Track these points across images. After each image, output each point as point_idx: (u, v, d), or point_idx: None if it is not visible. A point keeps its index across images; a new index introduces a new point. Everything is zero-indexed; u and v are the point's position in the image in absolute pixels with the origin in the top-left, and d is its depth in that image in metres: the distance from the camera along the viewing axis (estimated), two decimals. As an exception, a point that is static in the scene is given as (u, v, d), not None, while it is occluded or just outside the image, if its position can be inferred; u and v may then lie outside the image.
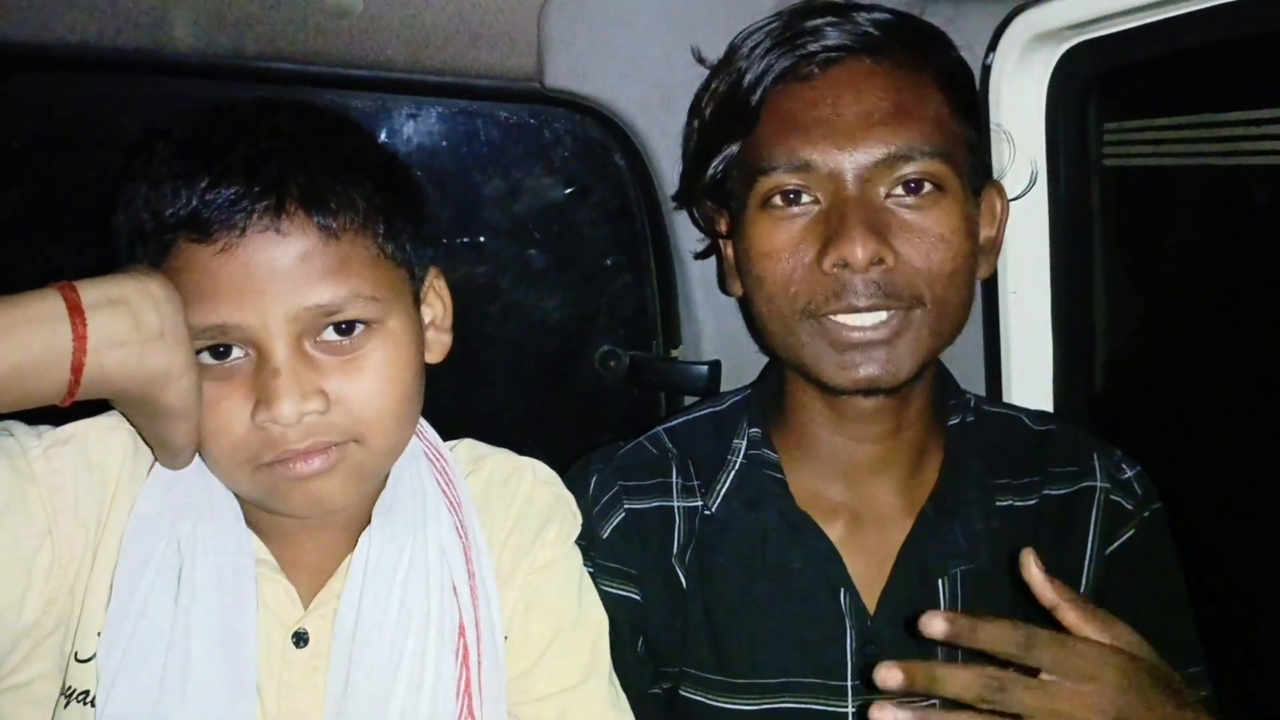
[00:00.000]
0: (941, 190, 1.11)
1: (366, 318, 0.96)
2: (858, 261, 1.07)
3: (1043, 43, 1.34)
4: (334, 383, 0.94)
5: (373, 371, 0.96)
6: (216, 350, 0.93)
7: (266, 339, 0.92)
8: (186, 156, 0.93)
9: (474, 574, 1.08)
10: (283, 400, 0.91)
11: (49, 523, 0.94)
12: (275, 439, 0.93)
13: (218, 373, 0.93)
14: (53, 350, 0.82)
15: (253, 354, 0.93)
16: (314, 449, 0.94)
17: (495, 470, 1.17)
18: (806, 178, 1.11)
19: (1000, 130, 1.36)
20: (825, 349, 1.12)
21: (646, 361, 1.66)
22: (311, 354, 0.94)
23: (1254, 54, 1.26)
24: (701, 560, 1.23)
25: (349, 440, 0.96)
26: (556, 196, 1.65)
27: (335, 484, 0.97)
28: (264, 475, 0.95)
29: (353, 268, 0.95)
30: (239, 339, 0.93)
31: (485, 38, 1.42)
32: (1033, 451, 1.26)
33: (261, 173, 0.92)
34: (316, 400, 0.92)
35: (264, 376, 0.92)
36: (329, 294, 0.93)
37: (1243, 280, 1.39)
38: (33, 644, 0.96)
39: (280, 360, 0.92)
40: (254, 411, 0.92)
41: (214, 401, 0.93)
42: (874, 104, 1.10)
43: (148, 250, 0.93)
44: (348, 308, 0.94)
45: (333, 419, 0.94)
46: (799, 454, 1.25)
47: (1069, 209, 1.42)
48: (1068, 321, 1.44)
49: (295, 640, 1.02)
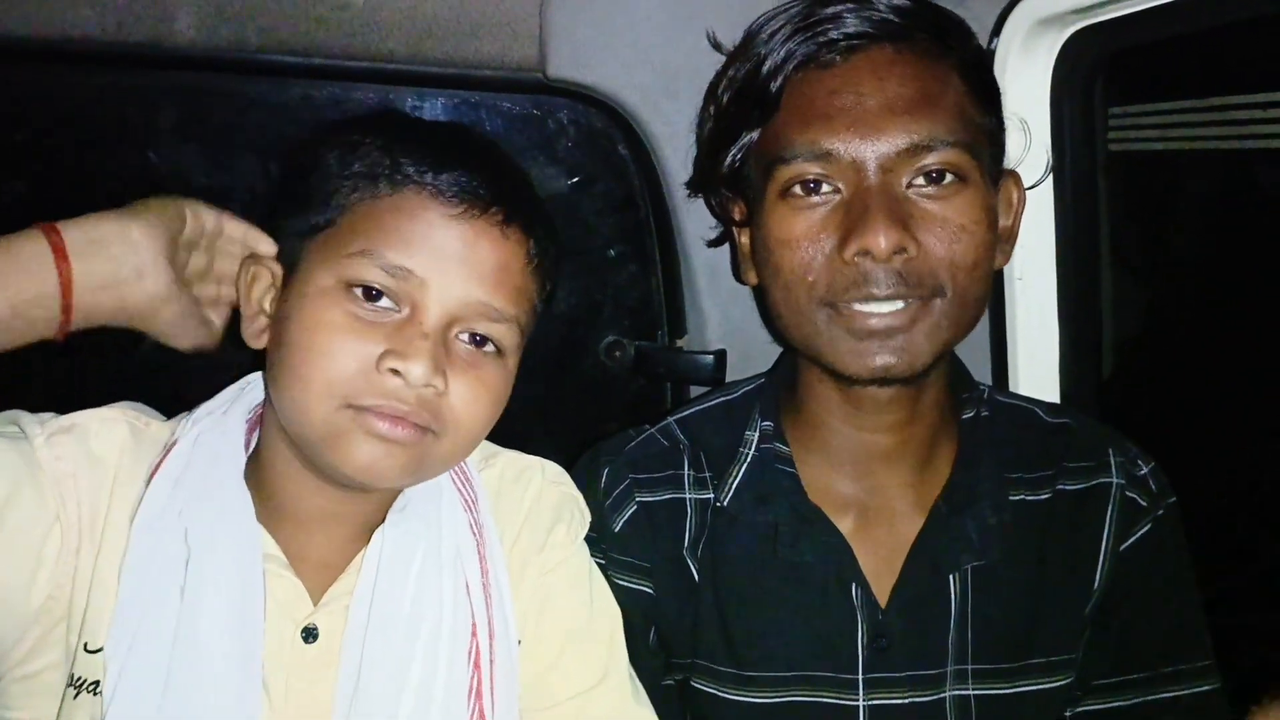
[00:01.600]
0: (963, 181, 1.09)
1: (505, 344, 1.04)
2: (880, 251, 1.06)
3: (1047, 28, 1.34)
4: (455, 377, 1.00)
5: (485, 387, 1.02)
6: (370, 291, 0.98)
7: (431, 305, 0.98)
8: (437, 135, 1.05)
9: (487, 572, 1.08)
10: (422, 360, 0.96)
11: (57, 507, 0.96)
12: (388, 389, 0.96)
13: (360, 308, 0.98)
14: (43, 293, 0.91)
15: (405, 312, 0.98)
16: (409, 417, 0.97)
17: (506, 469, 1.18)
18: (827, 167, 1.10)
19: (1015, 119, 1.36)
20: (842, 336, 1.11)
21: (652, 351, 1.66)
22: (451, 343, 1.00)
23: (1259, 38, 1.25)
24: (713, 552, 1.23)
25: (433, 430, 0.99)
26: (560, 187, 1.64)
27: (399, 461, 0.99)
28: (344, 416, 0.97)
29: (525, 299, 1.05)
30: (406, 293, 0.98)
31: (487, 28, 1.42)
32: (1047, 445, 1.25)
33: (503, 179, 1.03)
34: (441, 379, 0.98)
35: (409, 334, 0.97)
36: (502, 303, 1.01)
37: (1249, 264, 1.39)
38: (41, 632, 0.96)
39: (431, 327, 0.98)
40: (383, 357, 0.96)
41: (343, 329, 0.97)
42: (897, 92, 1.09)
43: (374, 184, 0.99)
44: (504, 324, 1.02)
45: (439, 404, 0.99)
46: (811, 446, 1.25)
47: (1075, 194, 1.41)
48: (1074, 306, 1.44)
49: (304, 636, 1.02)
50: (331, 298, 0.97)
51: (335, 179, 1.00)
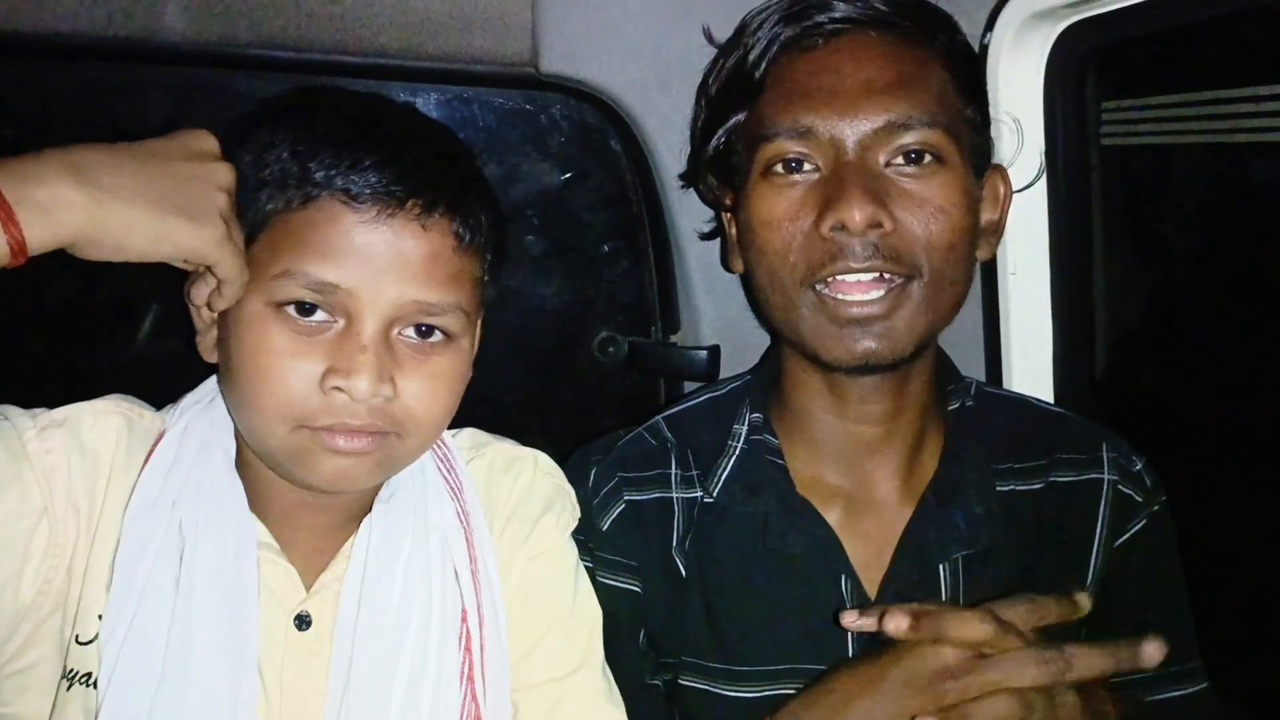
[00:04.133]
0: (941, 162, 1.11)
1: (452, 330, 1.02)
2: (855, 224, 1.07)
3: (1040, 21, 1.33)
4: (403, 376, 0.98)
5: (438, 377, 1.01)
6: (303, 306, 0.96)
7: (365, 314, 0.96)
8: (352, 128, 0.99)
9: (476, 559, 1.09)
10: (363, 375, 0.95)
11: (45, 501, 0.95)
12: (337, 408, 0.95)
13: (296, 327, 0.96)
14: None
15: (341, 324, 0.97)
16: (365, 429, 0.97)
17: (496, 458, 1.18)
18: (807, 144, 1.11)
19: (1009, 119, 1.36)
20: (824, 323, 1.12)
21: (645, 347, 1.66)
22: (394, 342, 0.98)
23: (1252, 30, 1.25)
24: (701, 549, 1.23)
25: (394, 432, 0.99)
26: (553, 182, 1.64)
27: (365, 468, 0.99)
28: (301, 437, 0.97)
29: (463, 282, 1.02)
30: (338, 305, 0.96)
31: (479, 23, 1.42)
32: (1040, 435, 1.25)
33: (422, 166, 0.98)
34: (389, 386, 0.96)
35: (348, 348, 0.96)
36: (439, 296, 0.99)
37: (1244, 259, 1.39)
38: (33, 627, 0.96)
39: (369, 337, 0.96)
40: (325, 376, 0.95)
41: (283, 353, 0.96)
42: (876, 73, 1.11)
43: (284, 193, 0.97)
44: (445, 314, 1.00)
45: (392, 408, 0.98)
46: (799, 438, 1.25)
47: (1068, 188, 1.41)
48: (1067, 302, 1.44)
49: (297, 623, 1.02)
50: (266, 320, 0.96)
51: (249, 189, 0.98)
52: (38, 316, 1.60)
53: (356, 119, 1.01)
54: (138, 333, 1.60)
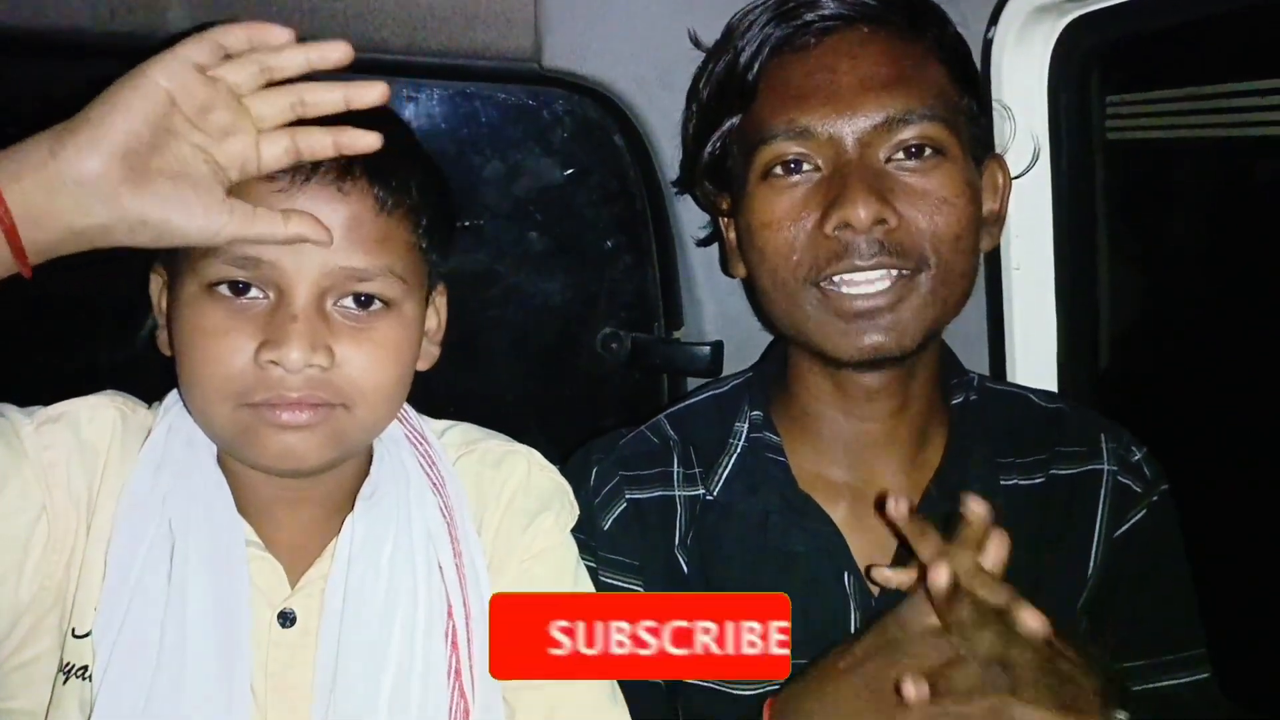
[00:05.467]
0: (942, 154, 1.11)
1: (389, 296, 1.00)
2: (860, 222, 1.07)
3: (1044, 16, 1.33)
4: (342, 346, 0.97)
5: (380, 345, 0.99)
6: (236, 285, 0.96)
7: (293, 285, 0.95)
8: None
9: (460, 554, 1.08)
10: (293, 344, 0.93)
11: (44, 498, 0.95)
12: (272, 381, 0.95)
13: (230, 306, 0.96)
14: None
15: (272, 297, 0.96)
16: (304, 401, 0.96)
17: (487, 454, 1.17)
18: (806, 145, 1.11)
19: (1001, 106, 1.36)
20: (830, 319, 1.12)
21: (648, 344, 1.66)
22: (329, 313, 0.97)
23: (1256, 25, 1.25)
24: (703, 546, 1.22)
25: (339, 404, 0.98)
26: (556, 178, 1.64)
27: (313, 443, 0.98)
28: (244, 415, 0.96)
29: (392, 245, 1.00)
30: (266, 278, 0.95)
31: (482, 18, 1.41)
32: (1040, 430, 1.25)
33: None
34: (323, 355, 0.95)
35: (279, 319, 0.95)
36: (365, 260, 0.97)
37: (1247, 253, 1.39)
38: (33, 621, 0.96)
39: (300, 308, 0.95)
40: (259, 351, 0.94)
41: (219, 332, 0.95)
42: (871, 69, 1.10)
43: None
44: (378, 279, 0.98)
45: (332, 378, 0.97)
46: (801, 435, 1.25)
47: (1072, 184, 1.41)
48: (1071, 297, 1.43)
49: (281, 620, 1.02)
50: (201, 302, 0.96)
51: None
52: (38, 316, 1.59)
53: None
54: (138, 333, 1.60)
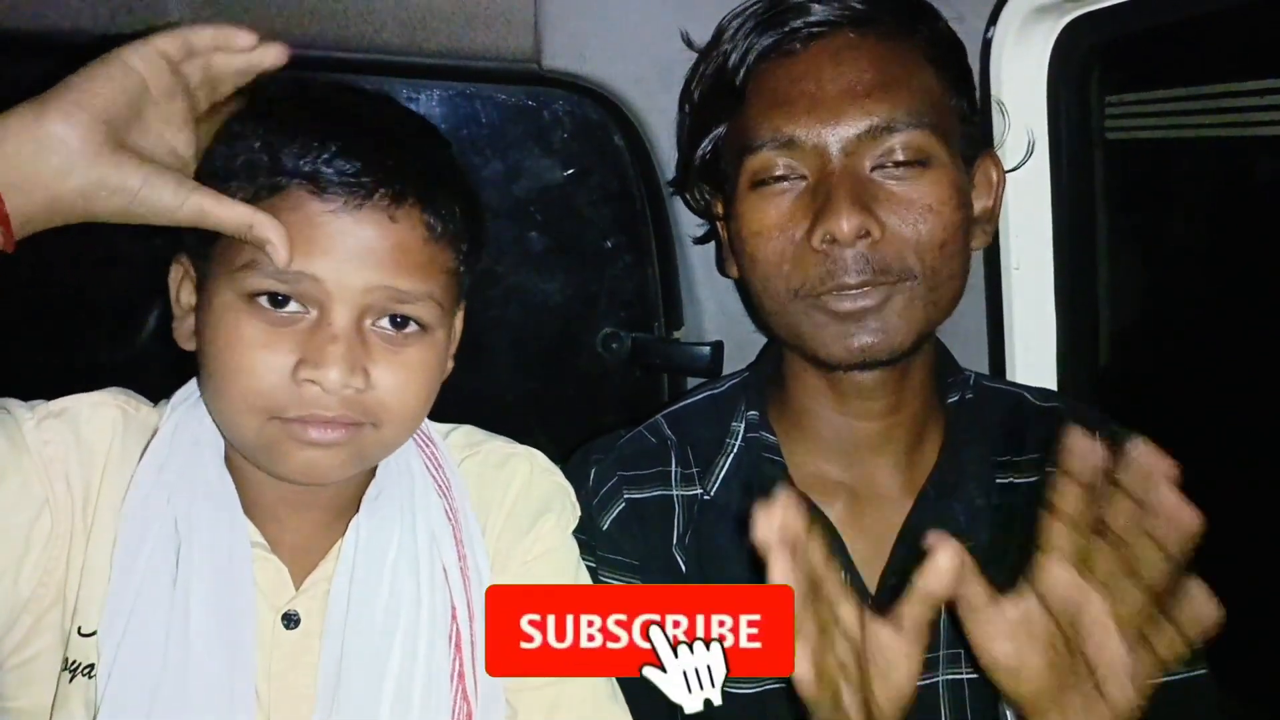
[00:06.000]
0: (929, 163, 1.10)
1: (427, 320, 1.01)
2: (844, 235, 1.07)
3: (1043, 16, 1.33)
4: (377, 367, 0.98)
5: (411, 368, 1.00)
6: (276, 298, 0.96)
7: (335, 304, 0.95)
8: (322, 118, 0.98)
9: (465, 556, 1.08)
10: (335, 366, 0.94)
11: (45, 491, 0.95)
12: (308, 399, 0.95)
13: (269, 319, 0.96)
14: None
15: (313, 314, 0.96)
16: (337, 421, 0.96)
17: (490, 455, 1.17)
18: (792, 154, 1.11)
19: (994, 102, 1.36)
20: (821, 322, 1.12)
21: (649, 343, 1.66)
22: (367, 333, 0.98)
23: (1256, 25, 1.25)
24: (700, 545, 1.23)
25: (368, 423, 0.99)
26: (556, 178, 1.64)
27: (337, 460, 0.98)
28: (274, 428, 0.96)
29: (435, 271, 1.00)
30: (307, 294, 0.95)
31: (482, 18, 1.41)
32: (1035, 428, 1.24)
33: (390, 156, 0.97)
34: (360, 377, 0.96)
35: (319, 339, 0.95)
36: (409, 284, 0.98)
37: (1246, 252, 1.39)
38: (34, 619, 0.96)
39: (340, 327, 0.95)
40: (297, 368, 0.94)
41: (256, 345, 0.95)
42: (856, 77, 1.10)
43: (253, 184, 0.96)
44: (418, 304, 0.99)
45: (364, 399, 0.97)
46: (798, 434, 1.25)
47: (1071, 183, 1.41)
48: (1071, 296, 1.43)
49: (284, 621, 1.02)
50: (238, 312, 0.96)
51: (218, 178, 0.97)
52: (40, 314, 1.60)
53: (327, 109, 1.00)
54: (141, 331, 1.60)
